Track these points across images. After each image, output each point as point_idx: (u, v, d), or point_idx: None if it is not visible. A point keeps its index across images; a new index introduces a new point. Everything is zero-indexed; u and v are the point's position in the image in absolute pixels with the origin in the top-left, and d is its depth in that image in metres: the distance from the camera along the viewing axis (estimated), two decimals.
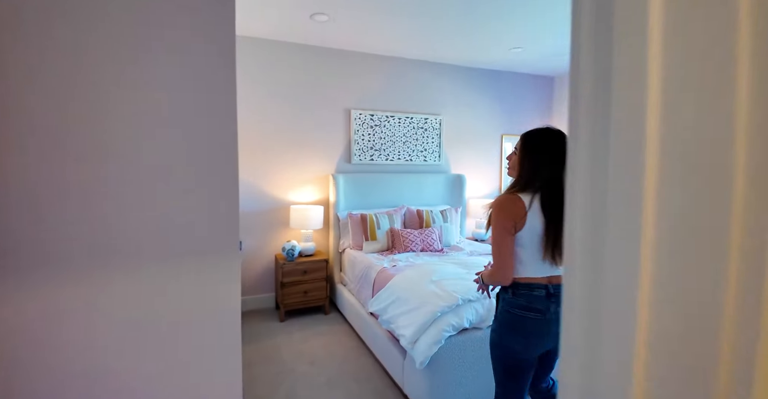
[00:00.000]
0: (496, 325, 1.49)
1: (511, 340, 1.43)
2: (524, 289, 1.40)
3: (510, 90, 4.90)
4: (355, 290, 3.39)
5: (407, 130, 4.29)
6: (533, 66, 4.63)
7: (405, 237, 3.57)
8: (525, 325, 1.39)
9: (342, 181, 3.88)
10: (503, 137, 4.87)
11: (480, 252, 3.60)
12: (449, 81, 4.51)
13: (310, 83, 3.86)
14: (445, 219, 3.92)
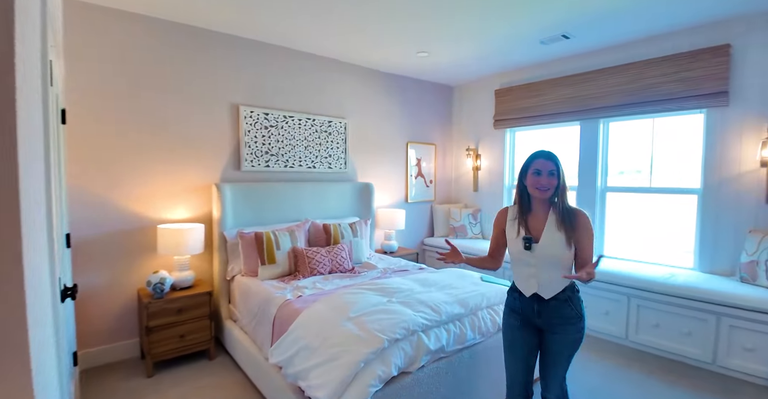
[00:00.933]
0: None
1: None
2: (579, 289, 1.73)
3: (415, 97, 4.71)
4: (249, 328, 2.74)
5: (309, 133, 3.76)
6: (436, 74, 4.51)
7: (311, 257, 3.03)
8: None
9: (229, 193, 3.18)
10: (408, 145, 4.65)
11: (394, 268, 3.24)
12: (355, 82, 4.11)
13: (188, 72, 3.09)
14: (355, 233, 3.49)
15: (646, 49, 3.43)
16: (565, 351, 1.67)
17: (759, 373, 2.57)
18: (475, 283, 2.59)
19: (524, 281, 1.72)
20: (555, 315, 1.65)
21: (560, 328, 1.65)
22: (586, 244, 1.63)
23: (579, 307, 1.66)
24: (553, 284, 1.65)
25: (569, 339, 1.65)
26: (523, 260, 1.71)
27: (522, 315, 1.74)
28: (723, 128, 3.09)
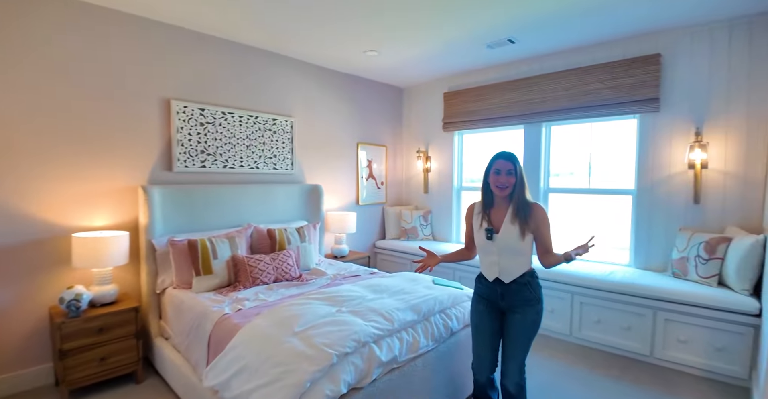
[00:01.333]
0: (541, 306, 1.84)
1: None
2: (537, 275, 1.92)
3: (365, 97, 4.60)
4: (182, 347, 2.47)
5: (252, 132, 3.52)
6: (386, 75, 4.43)
7: (253, 266, 2.81)
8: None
9: (158, 196, 2.87)
10: (359, 146, 4.53)
11: (345, 274, 3.10)
12: (303, 80, 3.92)
13: (110, 60, 2.74)
14: (303, 238, 3.30)
15: (585, 56, 3.58)
16: (525, 331, 1.83)
17: (693, 363, 2.72)
18: (428, 287, 2.51)
19: (488, 268, 1.91)
20: (516, 297, 1.85)
21: (521, 309, 1.84)
22: (544, 233, 1.85)
23: (537, 291, 1.86)
24: (512, 270, 1.85)
25: (529, 320, 1.82)
26: (486, 249, 1.90)
27: (487, 299, 1.93)
28: (654, 133, 3.28)
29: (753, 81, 2.85)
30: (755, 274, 2.58)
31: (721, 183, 3.00)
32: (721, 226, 3.01)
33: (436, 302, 2.24)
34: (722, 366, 2.61)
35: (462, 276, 3.97)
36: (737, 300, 2.54)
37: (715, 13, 2.82)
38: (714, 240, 2.82)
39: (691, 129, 3.10)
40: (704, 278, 2.84)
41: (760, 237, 2.52)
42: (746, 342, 2.52)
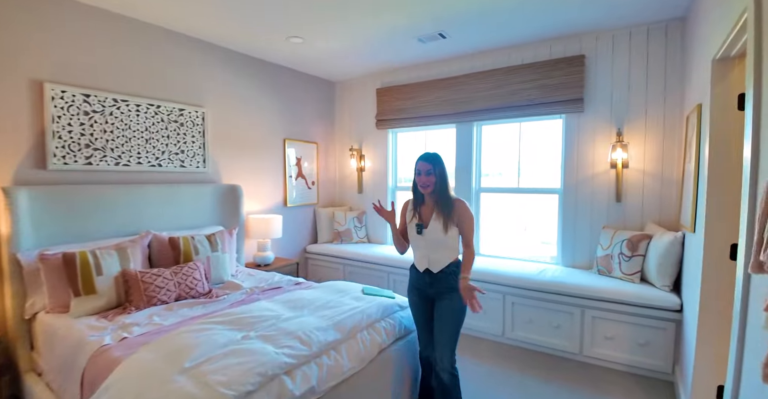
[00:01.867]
0: (459, 295, 1.88)
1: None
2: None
3: (294, 90, 4.25)
4: (55, 385, 2.00)
5: (152, 123, 3.03)
6: (316, 67, 4.13)
7: (148, 282, 2.36)
8: None
9: (26, 200, 2.32)
10: (286, 142, 4.17)
11: (265, 286, 2.75)
12: (217, 66, 3.48)
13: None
14: (215, 246, 2.88)
15: (513, 56, 3.55)
16: (453, 316, 1.95)
17: (619, 359, 2.76)
18: (356, 298, 2.27)
19: (419, 260, 2.06)
20: (443, 285, 1.98)
21: (447, 296, 1.97)
22: (464, 226, 1.98)
23: (457, 285, 1.93)
24: (440, 261, 2.00)
25: (454, 306, 1.94)
26: (417, 243, 2.06)
27: (418, 288, 2.08)
28: (579, 133, 3.33)
29: (668, 83, 2.97)
30: (675, 271, 2.66)
31: (640, 182, 3.11)
32: (641, 224, 3.11)
33: (364, 316, 2.00)
34: (646, 361, 2.66)
35: (396, 279, 3.78)
36: (659, 296, 2.60)
37: (635, 16, 2.89)
38: (635, 237, 2.90)
39: (613, 129, 3.18)
40: (628, 275, 2.90)
41: (678, 234, 2.60)
42: (668, 337, 2.58)
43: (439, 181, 1.94)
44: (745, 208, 1.23)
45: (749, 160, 1.21)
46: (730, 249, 1.84)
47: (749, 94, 1.22)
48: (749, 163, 1.21)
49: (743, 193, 1.25)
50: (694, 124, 2.30)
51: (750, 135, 1.20)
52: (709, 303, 1.89)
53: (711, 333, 1.89)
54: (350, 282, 2.67)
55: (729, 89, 1.81)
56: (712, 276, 1.88)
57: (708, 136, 1.88)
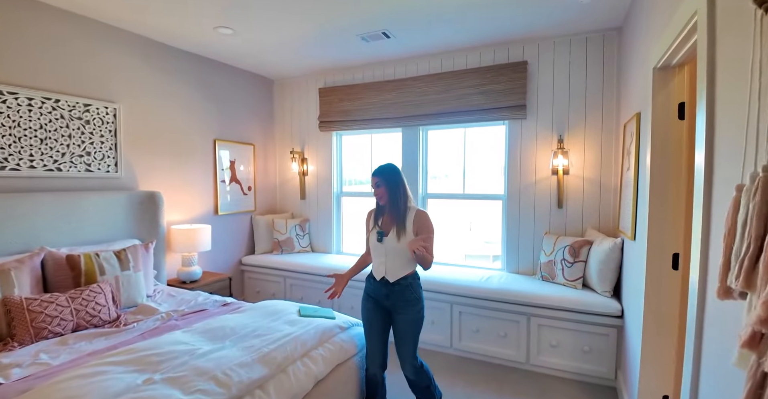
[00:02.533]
0: (421, 305, 2.04)
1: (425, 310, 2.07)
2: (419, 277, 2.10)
3: (226, 87, 3.88)
4: None
5: (49, 121, 2.56)
6: (252, 62, 3.80)
7: (37, 311, 1.94)
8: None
9: None
10: (217, 143, 3.79)
11: (186, 309, 2.40)
12: (134, 57, 3.05)
13: None
14: (126, 264, 2.48)
15: (458, 60, 3.49)
16: (409, 329, 2.01)
17: (564, 367, 2.74)
18: (291, 321, 2.01)
19: (377, 268, 2.08)
20: (399, 298, 2.01)
21: (403, 310, 2.01)
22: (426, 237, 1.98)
23: (418, 291, 2.05)
24: (397, 270, 2.01)
25: (411, 318, 2.00)
26: (377, 251, 2.07)
27: (375, 298, 2.08)
28: (522, 139, 3.32)
29: (606, 92, 3.03)
30: (615, 276, 2.69)
31: (580, 188, 3.15)
32: (581, 230, 3.16)
33: (298, 344, 1.77)
34: (591, 368, 2.67)
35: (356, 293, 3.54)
36: (601, 302, 2.61)
37: (573, 25, 2.92)
38: (577, 243, 2.91)
39: (554, 136, 3.20)
40: (570, 281, 2.91)
41: (617, 240, 2.63)
42: (610, 343, 2.60)
43: (390, 192, 2.02)
44: (698, 221, 1.16)
45: (702, 170, 1.15)
46: (673, 258, 1.84)
47: (701, 99, 1.17)
48: (702, 175, 1.15)
49: (696, 205, 1.19)
50: (633, 132, 2.33)
51: (703, 144, 1.14)
52: (652, 313, 1.88)
53: (655, 342, 1.88)
54: (287, 301, 2.40)
55: (669, 98, 1.80)
56: (655, 285, 1.87)
57: (649, 145, 1.87)
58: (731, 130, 0.98)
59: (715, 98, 1.09)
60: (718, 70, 1.08)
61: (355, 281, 3.38)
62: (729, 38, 1.00)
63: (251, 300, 4.04)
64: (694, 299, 1.18)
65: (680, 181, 1.82)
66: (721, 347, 1.01)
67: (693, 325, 1.18)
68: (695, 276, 1.17)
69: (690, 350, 1.20)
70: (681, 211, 1.82)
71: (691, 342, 1.19)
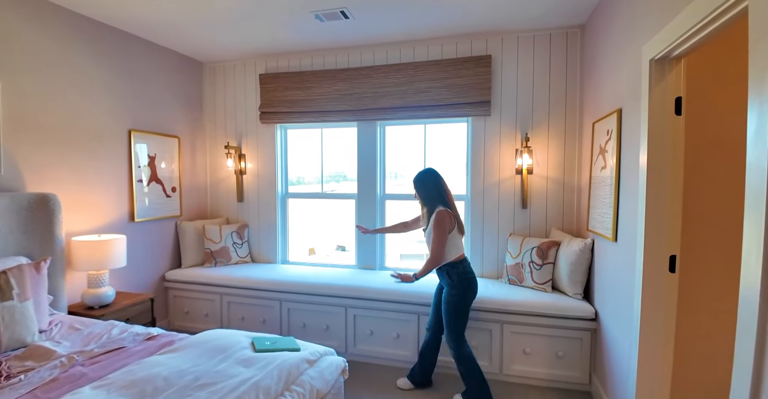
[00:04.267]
0: (457, 290, 2.36)
1: (469, 295, 2.39)
2: (466, 262, 2.43)
3: (144, 68, 3.22)
4: None
5: None
6: (177, 39, 3.20)
7: None
8: (475, 282, 2.42)
9: None
10: (132, 134, 3.12)
11: (96, 348, 1.83)
12: (21, 21, 2.33)
13: None
14: (7, 291, 1.83)
15: (420, 50, 3.26)
16: (445, 305, 2.38)
17: (538, 375, 2.63)
18: (244, 360, 1.58)
19: None
20: (442, 281, 2.46)
21: (446, 289, 2.42)
22: (432, 235, 2.38)
23: (453, 278, 2.37)
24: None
25: (445, 299, 2.39)
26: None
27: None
28: (485, 137, 3.18)
29: (569, 89, 2.99)
30: (585, 278, 2.63)
31: (544, 188, 3.08)
32: (545, 230, 3.09)
33: (259, 393, 1.35)
34: (565, 374, 2.58)
35: (293, 307, 3.11)
36: (574, 305, 2.53)
37: (537, 20, 2.83)
38: (545, 244, 2.83)
39: (518, 134, 3.10)
40: (539, 284, 2.81)
41: (588, 240, 2.57)
42: (584, 347, 2.53)
43: (421, 195, 2.50)
44: (760, 214, 1.00)
45: (765, 170, 0.99)
46: (669, 261, 1.75)
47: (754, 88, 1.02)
48: (765, 173, 0.99)
49: (753, 205, 1.04)
50: (610, 129, 2.26)
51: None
52: (650, 318, 1.78)
53: (653, 350, 1.78)
54: (234, 331, 1.93)
55: (666, 92, 1.71)
56: (652, 289, 1.77)
57: (644, 143, 1.77)
58: None
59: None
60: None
61: (298, 294, 3.00)
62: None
63: (179, 323, 3.41)
64: (754, 310, 1.02)
65: (677, 180, 1.73)
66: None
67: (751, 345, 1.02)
68: (755, 279, 1.01)
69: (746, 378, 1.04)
70: (677, 212, 1.74)
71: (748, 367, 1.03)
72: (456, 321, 2.35)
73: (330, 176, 3.85)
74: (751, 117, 1.06)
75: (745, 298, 1.07)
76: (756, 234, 1.02)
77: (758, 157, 1.03)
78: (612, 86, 2.27)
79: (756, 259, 1.02)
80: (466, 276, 2.36)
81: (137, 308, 2.78)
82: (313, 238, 5.94)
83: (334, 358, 1.81)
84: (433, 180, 2.45)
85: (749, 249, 1.05)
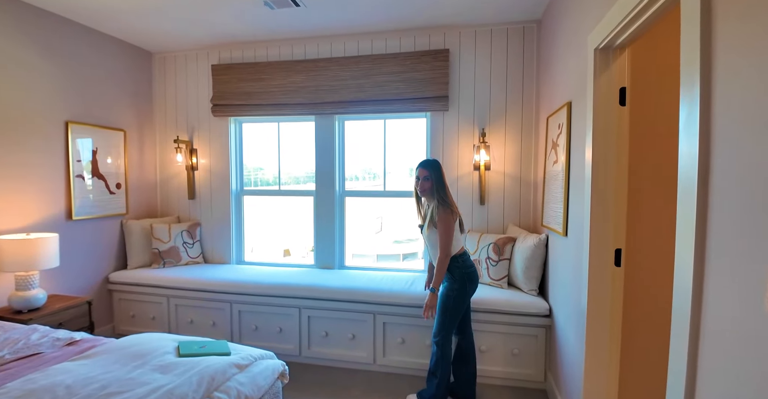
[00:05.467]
0: (458, 284, 2.21)
1: (469, 290, 2.25)
2: (466, 255, 2.29)
3: (87, 56, 3.02)
4: None
5: None
6: (123, 27, 3.02)
7: None
8: (476, 276, 2.28)
9: None
10: (70, 127, 2.91)
11: (9, 354, 1.65)
12: None
13: None
14: None
15: (377, 43, 3.18)
16: (443, 300, 2.23)
17: (495, 373, 2.58)
18: (163, 366, 1.45)
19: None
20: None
21: (444, 284, 2.27)
22: (438, 231, 2.19)
23: (453, 272, 2.23)
24: (434, 257, 2.29)
25: (445, 292, 2.24)
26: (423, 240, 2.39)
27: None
28: (444, 133, 3.13)
29: (525, 85, 2.97)
30: (540, 274, 2.61)
31: (501, 184, 3.05)
32: (503, 227, 3.06)
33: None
34: (520, 371, 2.54)
35: (243, 309, 2.97)
36: (529, 302, 2.50)
37: (494, 15, 2.80)
38: (501, 240, 2.79)
39: (476, 130, 3.06)
40: (496, 280, 2.78)
41: (542, 236, 2.55)
42: (539, 344, 2.50)
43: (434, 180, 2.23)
44: (689, 210, 0.97)
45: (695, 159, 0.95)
46: (615, 254, 1.72)
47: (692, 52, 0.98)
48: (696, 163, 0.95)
49: (684, 196, 1.00)
50: (561, 123, 2.23)
51: (697, 117, 0.94)
52: (596, 313, 1.75)
53: (599, 344, 1.75)
54: (164, 335, 1.79)
55: (611, 82, 1.69)
56: (598, 283, 1.74)
57: (590, 135, 1.74)
58: (752, 94, 0.78)
59: (713, 55, 0.90)
60: (717, 34, 0.88)
61: (250, 295, 2.88)
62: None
63: (124, 327, 3.21)
64: (686, 304, 0.98)
65: (621, 173, 1.71)
66: (734, 365, 0.81)
67: (684, 339, 0.98)
68: (686, 274, 0.97)
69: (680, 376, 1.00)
70: (623, 205, 1.72)
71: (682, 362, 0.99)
72: (451, 319, 2.21)
73: (289, 174, 3.71)
74: (683, 108, 1.03)
75: (679, 289, 1.03)
76: (688, 226, 0.98)
77: (689, 148, 0.99)
78: (563, 79, 2.25)
79: (688, 251, 0.98)
80: (466, 269, 2.22)
81: (72, 312, 2.59)
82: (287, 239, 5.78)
83: (270, 362, 1.70)
84: (442, 170, 2.26)
85: (682, 241, 1.01)
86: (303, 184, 3.64)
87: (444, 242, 2.14)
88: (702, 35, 0.93)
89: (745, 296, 0.80)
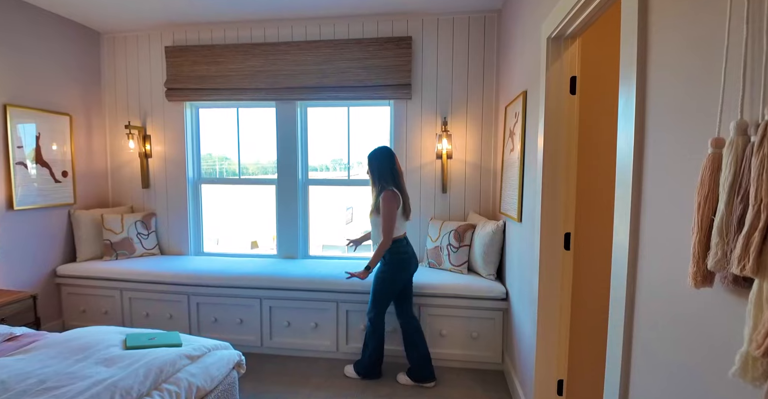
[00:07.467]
0: (388, 268, 2.35)
1: (400, 275, 2.37)
2: (404, 241, 2.40)
3: (27, 35, 2.80)
4: None
5: None
6: (72, 8, 2.84)
7: None
8: (410, 263, 2.40)
9: None
10: (9, 110, 2.70)
11: None
12: None
13: None
14: None
15: (340, 28, 3.12)
16: (375, 281, 2.39)
17: (455, 356, 2.65)
18: (107, 359, 1.40)
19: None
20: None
21: (378, 266, 2.40)
22: (381, 216, 2.32)
23: (385, 255, 2.35)
24: (373, 239, 2.45)
25: (377, 274, 2.39)
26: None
27: None
28: (407, 121, 3.13)
29: (486, 74, 3.01)
30: (497, 259, 2.68)
31: (462, 172, 3.10)
32: (464, 214, 3.12)
33: (116, 395, 1.18)
34: (478, 354, 2.62)
35: (202, 301, 2.89)
36: (487, 286, 2.57)
37: (458, 3, 2.80)
38: (461, 227, 2.85)
39: (438, 119, 3.08)
40: (456, 266, 2.84)
41: (500, 222, 2.62)
42: (497, 327, 2.58)
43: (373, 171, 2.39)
44: (625, 192, 1.01)
45: (631, 135, 1.00)
46: (564, 238, 1.79)
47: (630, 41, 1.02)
48: (631, 140, 0.99)
49: (622, 176, 1.04)
50: (517, 112, 2.28)
51: (633, 104, 0.98)
52: (547, 296, 1.82)
53: (550, 326, 1.83)
54: (111, 327, 1.72)
55: (562, 71, 1.73)
56: (549, 266, 1.81)
57: (542, 122, 1.79)
58: (680, 83, 0.82)
59: (648, 44, 0.94)
60: (652, 26, 0.92)
61: (208, 287, 2.81)
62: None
63: (74, 323, 3.05)
64: (621, 288, 1.03)
65: (571, 160, 1.77)
66: (662, 347, 0.86)
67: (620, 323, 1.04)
68: (622, 258, 1.02)
69: (616, 354, 1.06)
70: (572, 191, 1.78)
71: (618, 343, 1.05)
72: (381, 300, 2.36)
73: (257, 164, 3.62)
74: (621, 95, 1.06)
75: (616, 272, 1.09)
76: (623, 210, 1.03)
77: (626, 136, 1.03)
78: (520, 69, 2.29)
79: (624, 226, 1.03)
80: (399, 255, 2.34)
81: (14, 307, 2.44)
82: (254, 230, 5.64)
83: (225, 353, 1.67)
84: (388, 158, 2.37)
85: (619, 225, 1.06)
86: (271, 174, 3.55)
87: (385, 227, 2.27)
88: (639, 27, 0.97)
89: (673, 264, 0.85)
